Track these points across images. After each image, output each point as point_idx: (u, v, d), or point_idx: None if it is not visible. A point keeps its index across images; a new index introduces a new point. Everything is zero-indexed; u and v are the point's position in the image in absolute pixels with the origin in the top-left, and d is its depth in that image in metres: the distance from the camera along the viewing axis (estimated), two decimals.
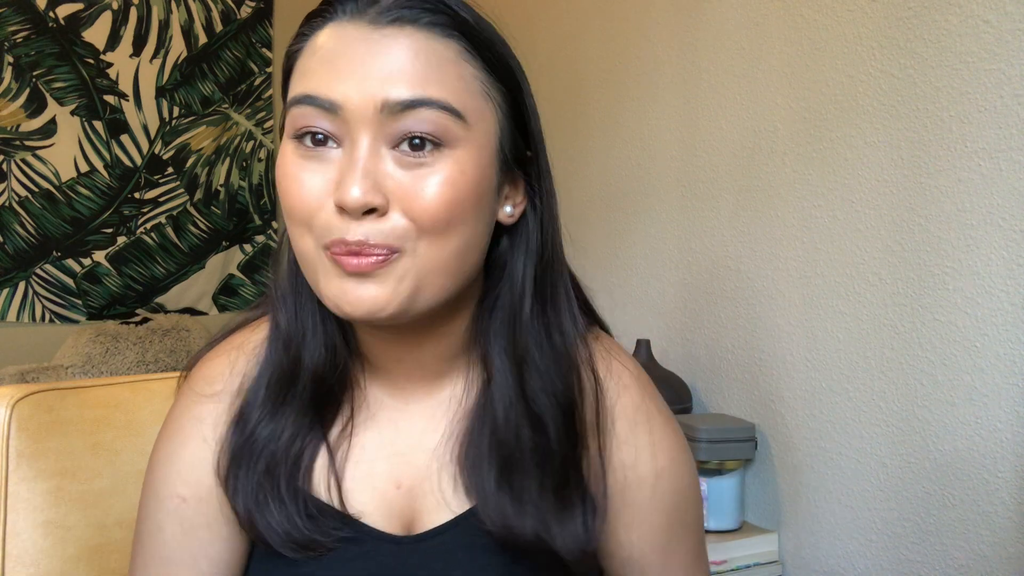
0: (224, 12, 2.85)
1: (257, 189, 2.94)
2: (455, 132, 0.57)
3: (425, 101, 0.56)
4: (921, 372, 1.21)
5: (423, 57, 0.57)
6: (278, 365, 0.66)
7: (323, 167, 0.58)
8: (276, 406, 0.65)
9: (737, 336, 1.53)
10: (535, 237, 0.66)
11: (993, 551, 1.12)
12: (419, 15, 0.57)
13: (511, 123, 0.62)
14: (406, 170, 0.57)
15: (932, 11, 1.18)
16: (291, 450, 0.65)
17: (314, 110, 0.57)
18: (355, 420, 0.68)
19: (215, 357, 0.70)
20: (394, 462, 0.67)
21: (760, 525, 1.48)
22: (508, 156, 0.62)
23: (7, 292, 2.57)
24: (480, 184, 0.59)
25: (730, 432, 1.42)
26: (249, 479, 0.64)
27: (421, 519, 0.67)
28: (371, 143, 0.57)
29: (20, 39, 2.56)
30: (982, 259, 1.13)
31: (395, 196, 0.57)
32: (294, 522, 0.63)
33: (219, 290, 2.90)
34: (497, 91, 0.61)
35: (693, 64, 1.61)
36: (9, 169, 2.55)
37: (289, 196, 0.59)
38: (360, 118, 0.56)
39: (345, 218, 0.56)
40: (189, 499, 0.67)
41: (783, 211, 1.42)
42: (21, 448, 0.81)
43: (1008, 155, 1.09)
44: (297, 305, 0.66)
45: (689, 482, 0.72)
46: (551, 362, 0.66)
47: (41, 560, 0.81)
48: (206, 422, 0.68)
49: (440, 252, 0.58)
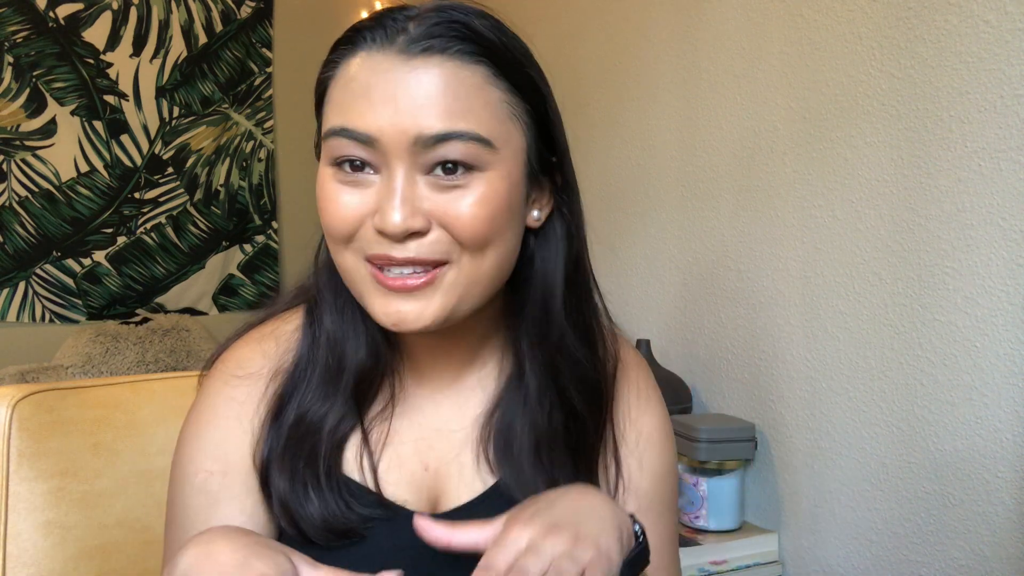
0: (224, 12, 2.85)
1: (257, 189, 2.94)
2: (485, 158, 0.60)
3: (456, 134, 0.59)
4: (921, 372, 1.21)
5: (452, 87, 0.59)
6: (323, 364, 0.69)
7: (362, 190, 0.61)
8: (324, 395, 0.68)
9: (737, 336, 1.53)
10: (564, 236, 0.69)
11: (993, 551, 1.12)
12: (448, 44, 0.59)
13: (537, 135, 0.65)
14: (441, 192, 0.60)
15: (932, 11, 1.18)
16: (335, 436, 0.67)
17: (350, 142, 0.60)
18: (394, 405, 0.71)
19: (244, 345, 0.72)
20: (421, 445, 0.70)
21: (760, 525, 1.48)
22: (535, 166, 0.66)
23: (7, 292, 2.57)
24: (511, 198, 0.62)
25: (730, 432, 1.42)
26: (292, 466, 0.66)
27: (447, 498, 0.69)
28: (406, 171, 0.60)
29: (20, 39, 2.56)
30: (982, 259, 1.13)
31: (434, 216, 0.60)
32: (332, 510, 0.65)
33: (219, 290, 2.90)
34: (523, 110, 0.64)
35: (693, 64, 1.61)
36: (9, 169, 2.55)
37: (328, 214, 0.62)
38: (394, 149, 0.59)
39: (386, 240, 0.60)
40: (215, 472, 0.68)
41: (783, 211, 1.42)
42: (22, 448, 0.81)
43: (1008, 155, 1.09)
44: (338, 305, 0.69)
45: (672, 459, 0.77)
46: (583, 355, 0.70)
47: (41, 560, 0.81)
48: (241, 402, 0.69)
49: (481, 265, 0.62)
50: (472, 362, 0.72)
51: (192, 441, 0.70)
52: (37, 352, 2.51)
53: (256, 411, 0.69)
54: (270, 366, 0.70)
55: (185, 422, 0.71)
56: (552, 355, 0.69)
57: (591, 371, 0.71)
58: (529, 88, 0.64)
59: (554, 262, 0.69)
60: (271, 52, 2.93)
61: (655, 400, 0.77)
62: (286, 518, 0.66)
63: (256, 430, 0.68)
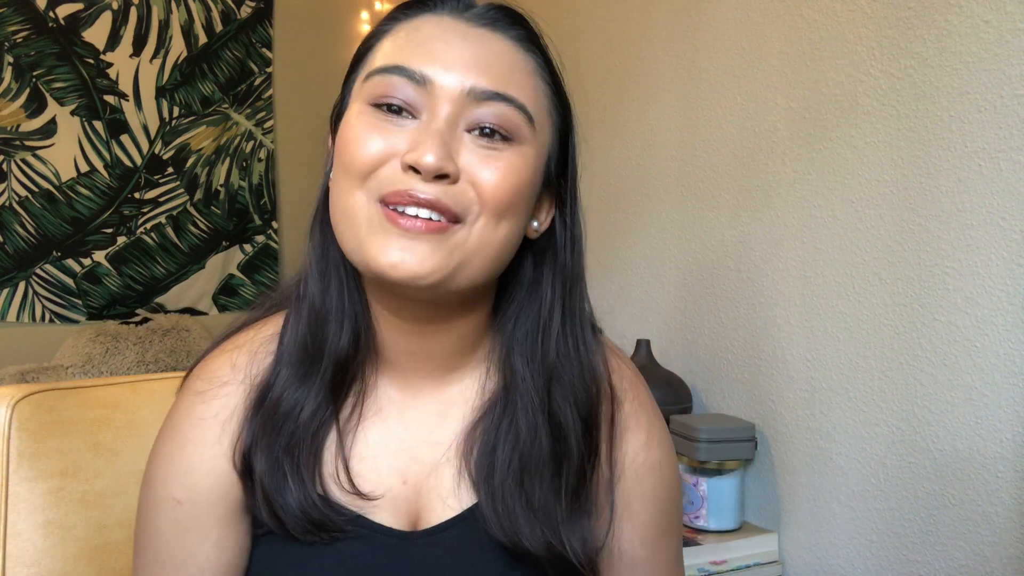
0: (224, 12, 2.85)
1: (257, 189, 2.94)
2: (524, 131, 0.62)
3: (506, 97, 0.61)
4: (921, 372, 1.21)
5: (508, 60, 0.63)
6: (302, 344, 0.67)
7: (395, 132, 0.61)
8: (300, 379, 0.67)
9: (737, 336, 1.53)
10: (564, 254, 0.69)
11: (993, 551, 1.12)
12: (509, 27, 0.64)
13: (559, 145, 0.68)
14: (477, 150, 0.61)
15: (932, 11, 1.18)
16: (311, 425, 0.67)
17: (401, 79, 0.61)
18: (363, 411, 0.69)
19: (215, 358, 0.71)
20: (400, 457, 0.69)
21: (760, 525, 1.48)
22: (551, 171, 0.67)
23: (7, 292, 2.57)
24: (534, 181, 0.64)
25: (730, 432, 1.42)
26: (270, 454, 0.65)
27: (427, 514, 0.68)
28: (451, 119, 0.60)
29: (20, 39, 2.56)
30: (982, 259, 1.13)
31: (465, 171, 0.60)
32: (311, 500, 0.65)
33: (219, 290, 2.90)
34: (557, 112, 0.67)
35: (693, 64, 1.61)
36: (9, 169, 2.55)
37: (354, 147, 0.61)
38: (447, 95, 0.60)
39: (413, 176, 0.59)
40: (183, 501, 0.67)
41: (783, 211, 1.42)
42: (21, 448, 0.81)
43: (1008, 155, 1.09)
44: (325, 282, 0.68)
45: (676, 480, 0.75)
46: (576, 374, 0.69)
47: (41, 560, 0.81)
48: (210, 418, 0.68)
49: (493, 234, 0.61)
50: (456, 370, 0.70)
51: (161, 464, 0.69)
52: (37, 352, 2.51)
53: (230, 417, 0.68)
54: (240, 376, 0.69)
55: (157, 437, 0.71)
56: (548, 376, 0.68)
57: (583, 393, 0.69)
58: (564, 97, 0.68)
59: (550, 279, 0.69)
60: (271, 52, 2.93)
61: (655, 423, 0.74)
62: (266, 507, 0.65)
63: (233, 432, 0.67)
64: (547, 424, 0.67)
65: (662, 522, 0.73)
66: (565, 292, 0.69)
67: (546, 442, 0.67)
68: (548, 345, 0.68)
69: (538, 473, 0.66)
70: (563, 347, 0.68)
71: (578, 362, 0.69)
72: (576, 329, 0.69)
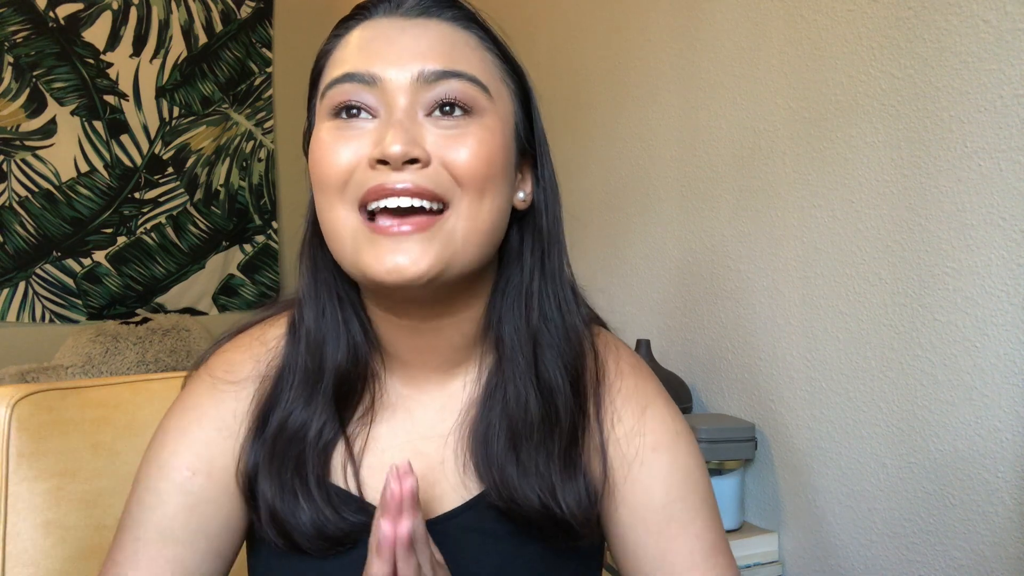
0: (224, 12, 2.85)
1: (257, 189, 2.94)
2: (481, 102, 0.63)
3: (456, 73, 0.62)
4: (921, 372, 1.21)
5: (449, 39, 0.64)
6: (303, 367, 0.68)
7: (358, 137, 0.61)
8: (305, 400, 0.68)
9: (737, 336, 1.53)
10: (541, 218, 0.70)
11: (993, 551, 1.12)
12: (442, 11, 0.65)
13: (523, 114, 0.68)
14: (441, 131, 0.61)
15: (932, 11, 1.18)
16: (320, 443, 0.67)
17: (354, 85, 0.62)
18: (375, 410, 0.70)
19: (234, 348, 0.72)
20: (407, 450, 0.69)
21: (760, 525, 1.48)
22: (522, 139, 0.68)
23: (7, 292, 2.57)
24: (505, 150, 0.64)
25: (730, 432, 1.42)
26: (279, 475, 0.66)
27: (435, 504, 0.69)
28: (408, 107, 0.61)
29: (20, 39, 2.56)
30: (982, 259, 1.13)
31: (434, 152, 0.61)
32: (324, 517, 0.65)
33: (219, 290, 2.90)
34: (512, 80, 0.67)
35: (693, 64, 1.61)
36: (9, 169, 2.55)
37: (322, 165, 0.62)
38: (399, 87, 0.61)
39: (384, 170, 0.59)
40: (199, 472, 0.67)
41: (783, 211, 1.42)
42: (21, 448, 0.81)
43: (1008, 155, 1.09)
44: (319, 307, 0.68)
45: (688, 462, 0.72)
46: (560, 333, 0.70)
47: (41, 560, 0.81)
48: (226, 411, 0.69)
49: (479, 212, 0.62)
50: (461, 362, 0.71)
51: (175, 434, 0.69)
52: (37, 352, 2.52)
53: (240, 424, 0.68)
54: (260, 370, 0.70)
55: (168, 414, 0.71)
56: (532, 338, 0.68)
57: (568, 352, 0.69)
58: (515, 67, 0.68)
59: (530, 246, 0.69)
60: (271, 52, 2.93)
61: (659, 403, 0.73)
62: (275, 528, 0.65)
63: (240, 442, 0.68)
64: (536, 387, 0.68)
65: (668, 510, 0.70)
66: (544, 255, 0.69)
67: (535, 404, 0.67)
68: (530, 308, 0.69)
69: (529, 435, 0.67)
70: (546, 308, 0.69)
71: (561, 322, 0.70)
72: (556, 289, 0.70)
